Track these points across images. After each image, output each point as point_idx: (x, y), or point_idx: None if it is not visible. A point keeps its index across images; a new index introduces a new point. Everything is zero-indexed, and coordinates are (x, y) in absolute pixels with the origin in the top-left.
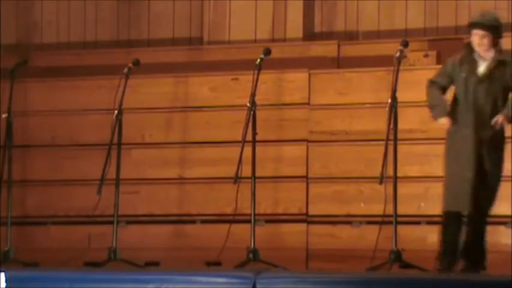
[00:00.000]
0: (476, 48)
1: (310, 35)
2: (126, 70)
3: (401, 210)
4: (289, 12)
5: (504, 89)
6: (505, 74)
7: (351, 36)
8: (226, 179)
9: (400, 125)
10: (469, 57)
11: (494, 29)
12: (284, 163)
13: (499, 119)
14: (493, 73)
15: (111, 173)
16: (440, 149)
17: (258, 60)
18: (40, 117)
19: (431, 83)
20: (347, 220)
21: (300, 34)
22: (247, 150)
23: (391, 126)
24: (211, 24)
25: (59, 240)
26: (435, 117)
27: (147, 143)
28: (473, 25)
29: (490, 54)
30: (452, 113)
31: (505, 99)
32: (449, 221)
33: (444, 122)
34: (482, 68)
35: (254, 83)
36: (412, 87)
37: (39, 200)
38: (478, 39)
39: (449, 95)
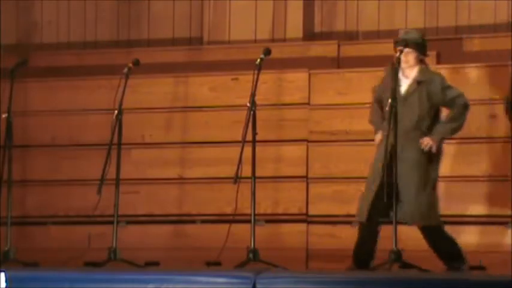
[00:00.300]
0: (402, 65)
1: (310, 35)
2: (126, 70)
3: None
4: (289, 12)
5: (433, 106)
6: (432, 91)
7: (351, 36)
8: (226, 179)
9: None
10: (392, 77)
11: (419, 46)
12: (284, 163)
13: (425, 140)
14: (415, 93)
15: (111, 173)
16: None
17: (258, 60)
18: (40, 117)
19: (374, 92)
20: (347, 220)
21: (300, 34)
22: (247, 150)
23: (391, 126)
24: (211, 24)
25: (59, 240)
26: (375, 132)
27: (147, 143)
28: (398, 42)
29: (414, 73)
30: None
31: (438, 117)
32: (360, 229)
33: (377, 139)
34: (404, 88)
35: (254, 83)
36: None
37: (39, 200)
38: (403, 56)
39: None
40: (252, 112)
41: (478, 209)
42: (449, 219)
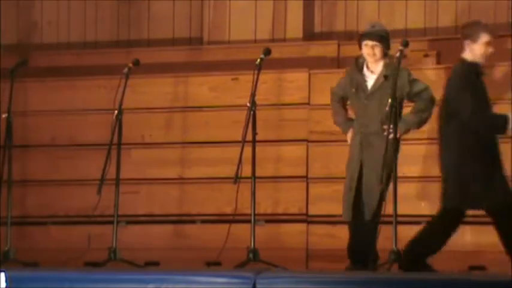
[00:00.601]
0: (368, 58)
1: (310, 35)
2: (126, 70)
3: (401, 210)
4: (289, 12)
5: (399, 101)
6: (399, 85)
7: (351, 36)
8: (226, 179)
9: None
10: (358, 72)
11: (384, 40)
12: (284, 163)
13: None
14: (382, 87)
15: (111, 173)
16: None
17: (258, 60)
18: (40, 117)
19: (333, 94)
20: None
21: (300, 34)
22: (247, 150)
23: (391, 126)
24: (211, 24)
25: (59, 240)
26: (343, 132)
27: (147, 143)
28: (364, 36)
29: (379, 67)
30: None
31: (401, 113)
32: (349, 228)
33: (349, 138)
34: (370, 83)
35: (254, 83)
36: None
37: (39, 200)
38: (369, 49)
39: None
40: (252, 112)
41: None
42: None
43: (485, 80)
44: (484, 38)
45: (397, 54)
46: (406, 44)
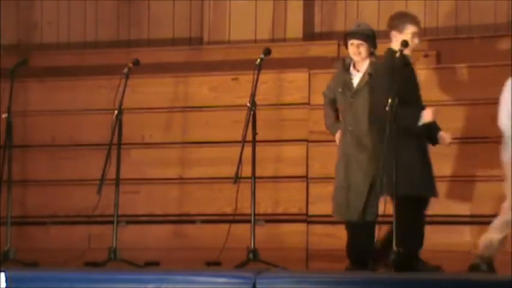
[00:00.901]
0: (353, 57)
1: (310, 35)
2: (126, 70)
3: None
4: (289, 12)
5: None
6: (384, 82)
7: None
8: (226, 179)
9: None
10: (344, 72)
11: (370, 39)
12: (284, 163)
13: None
14: (367, 85)
15: (111, 173)
16: (439, 148)
17: (258, 60)
18: (40, 117)
19: (324, 96)
20: None
21: (300, 34)
22: (247, 150)
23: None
24: (211, 24)
25: (59, 240)
26: (332, 134)
27: (147, 143)
28: (350, 35)
29: (365, 66)
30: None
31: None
32: (347, 228)
33: (337, 139)
34: (356, 81)
35: (254, 83)
36: None
37: (39, 200)
38: (355, 48)
39: None
40: (252, 112)
41: (479, 209)
42: (450, 219)
43: (486, 80)
44: (410, 29)
45: (397, 55)
46: (406, 44)
